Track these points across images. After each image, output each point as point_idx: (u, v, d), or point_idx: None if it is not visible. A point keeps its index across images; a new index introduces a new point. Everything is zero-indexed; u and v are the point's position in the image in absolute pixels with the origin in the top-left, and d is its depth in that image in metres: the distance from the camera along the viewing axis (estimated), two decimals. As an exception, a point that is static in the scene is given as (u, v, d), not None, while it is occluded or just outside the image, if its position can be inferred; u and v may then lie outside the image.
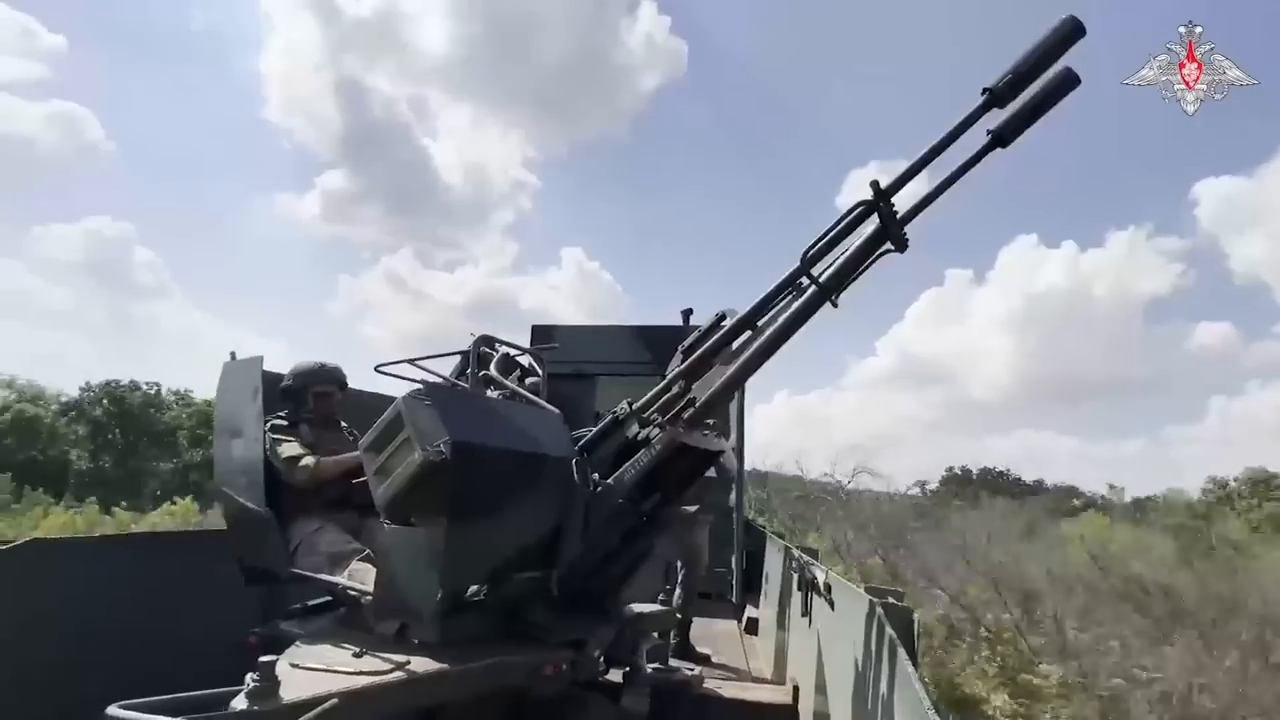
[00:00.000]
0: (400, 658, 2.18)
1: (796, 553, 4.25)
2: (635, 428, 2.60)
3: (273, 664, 1.86)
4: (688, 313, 9.64)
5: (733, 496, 6.67)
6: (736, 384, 2.49)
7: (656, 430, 2.51)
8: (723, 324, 2.62)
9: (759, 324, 2.51)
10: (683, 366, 2.60)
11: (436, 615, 2.29)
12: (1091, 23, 2.17)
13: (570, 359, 6.52)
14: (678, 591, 4.67)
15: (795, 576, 4.03)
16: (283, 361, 3.57)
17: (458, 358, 3.67)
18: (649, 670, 3.23)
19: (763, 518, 16.51)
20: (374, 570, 2.63)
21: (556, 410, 2.98)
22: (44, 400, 40.36)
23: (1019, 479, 32.63)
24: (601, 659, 2.91)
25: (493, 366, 3.48)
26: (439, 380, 3.51)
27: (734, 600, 6.63)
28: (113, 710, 1.75)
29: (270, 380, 3.18)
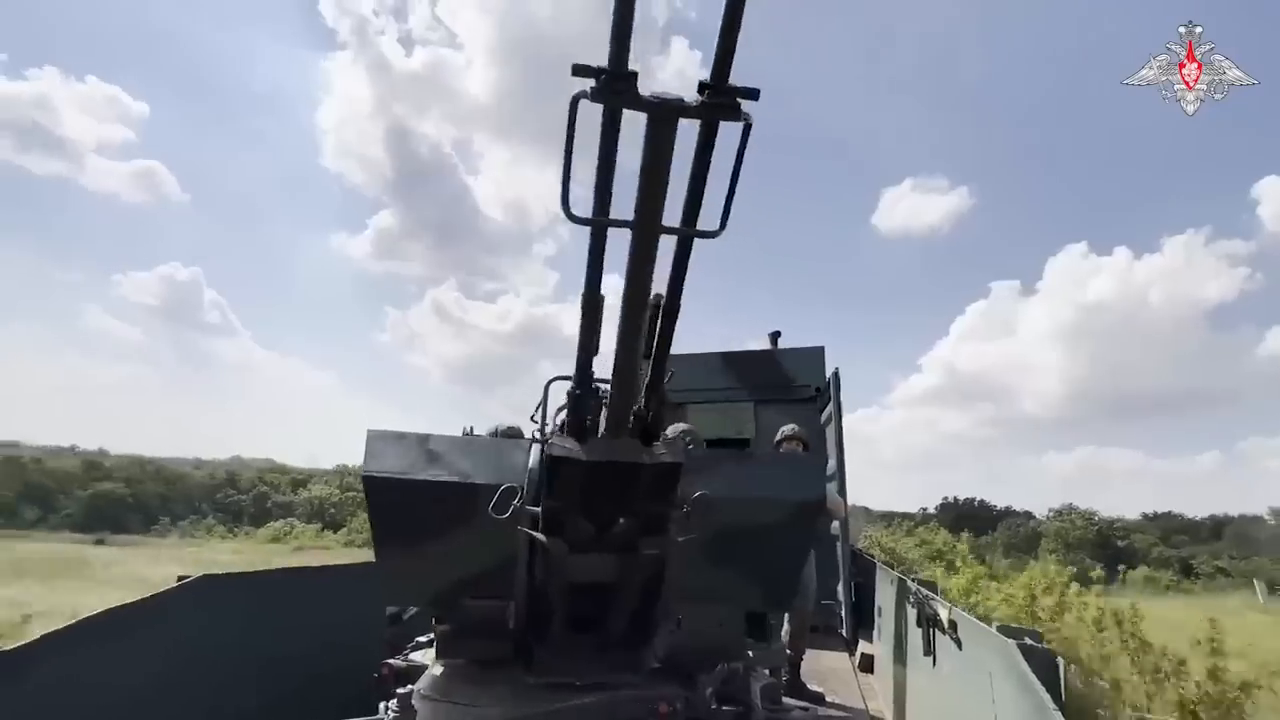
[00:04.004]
0: (517, 691, 2.26)
1: (914, 586, 4.01)
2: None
3: (409, 695, 2.01)
4: (775, 335, 9.37)
5: (835, 525, 6.40)
6: (623, 371, 1.90)
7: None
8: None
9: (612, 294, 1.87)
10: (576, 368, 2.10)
11: (439, 634, 2.44)
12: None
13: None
14: (785, 628, 4.51)
15: (914, 612, 3.80)
16: (335, 393, 3.96)
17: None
18: (762, 709, 3.14)
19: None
20: None
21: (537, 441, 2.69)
22: None
23: (992, 506, 47.41)
24: (714, 698, 2.86)
25: (551, 408, 3.55)
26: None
27: (844, 634, 6.33)
28: None
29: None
